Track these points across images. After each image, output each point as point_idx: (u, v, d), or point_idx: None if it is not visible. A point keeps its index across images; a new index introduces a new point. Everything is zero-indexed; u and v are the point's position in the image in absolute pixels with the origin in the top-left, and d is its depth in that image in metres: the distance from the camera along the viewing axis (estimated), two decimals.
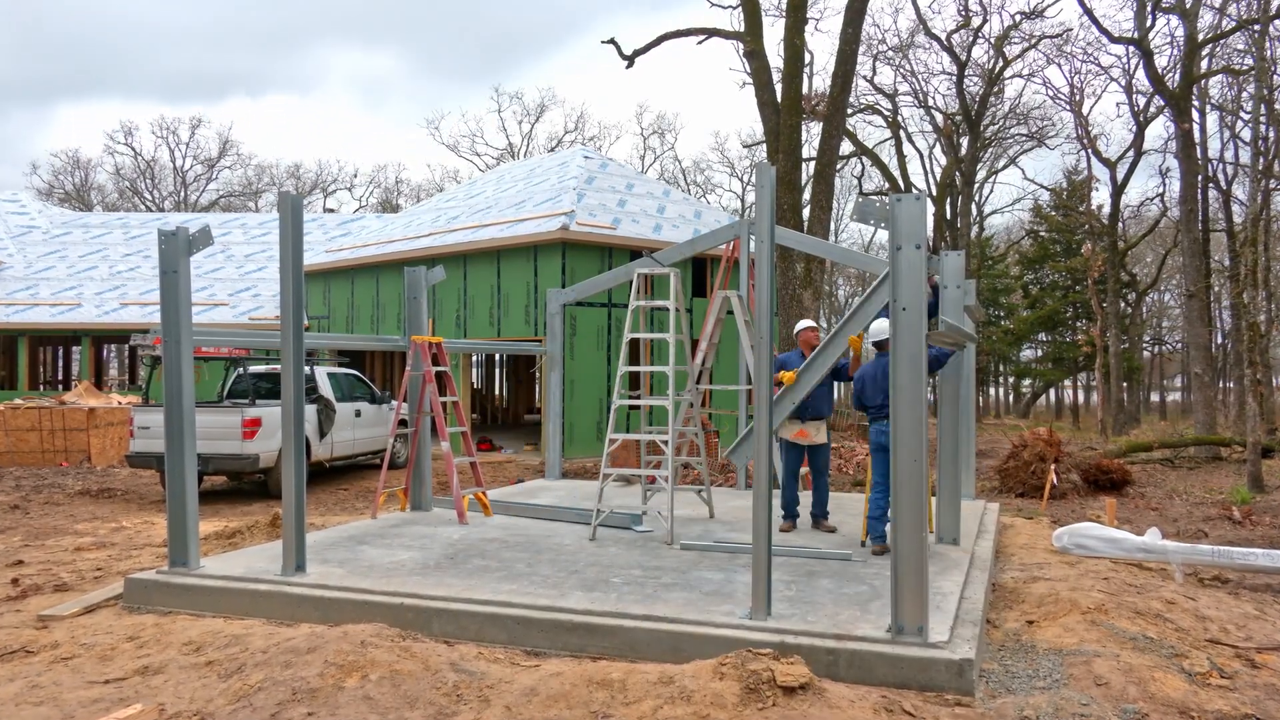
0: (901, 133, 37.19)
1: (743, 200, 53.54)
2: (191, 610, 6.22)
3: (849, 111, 27.87)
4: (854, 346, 7.89)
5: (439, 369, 9.24)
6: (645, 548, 7.38)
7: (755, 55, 16.46)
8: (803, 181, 19.29)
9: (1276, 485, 13.93)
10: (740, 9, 17.08)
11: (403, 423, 16.50)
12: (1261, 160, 16.36)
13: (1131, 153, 32.55)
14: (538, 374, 29.81)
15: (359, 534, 8.03)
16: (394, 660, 4.76)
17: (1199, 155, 26.88)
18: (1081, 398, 49.41)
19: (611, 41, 18.81)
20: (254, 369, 14.37)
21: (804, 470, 10.80)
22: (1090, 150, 32.61)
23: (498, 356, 35.13)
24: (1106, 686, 4.76)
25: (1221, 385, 37.40)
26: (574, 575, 6.37)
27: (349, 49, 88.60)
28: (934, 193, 36.19)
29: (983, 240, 43.24)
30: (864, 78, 34.59)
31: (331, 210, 52.04)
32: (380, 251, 23.08)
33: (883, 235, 43.97)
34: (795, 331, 8.65)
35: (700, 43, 18.73)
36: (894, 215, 5.14)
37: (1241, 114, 28.39)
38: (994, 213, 46.68)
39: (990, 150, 38.48)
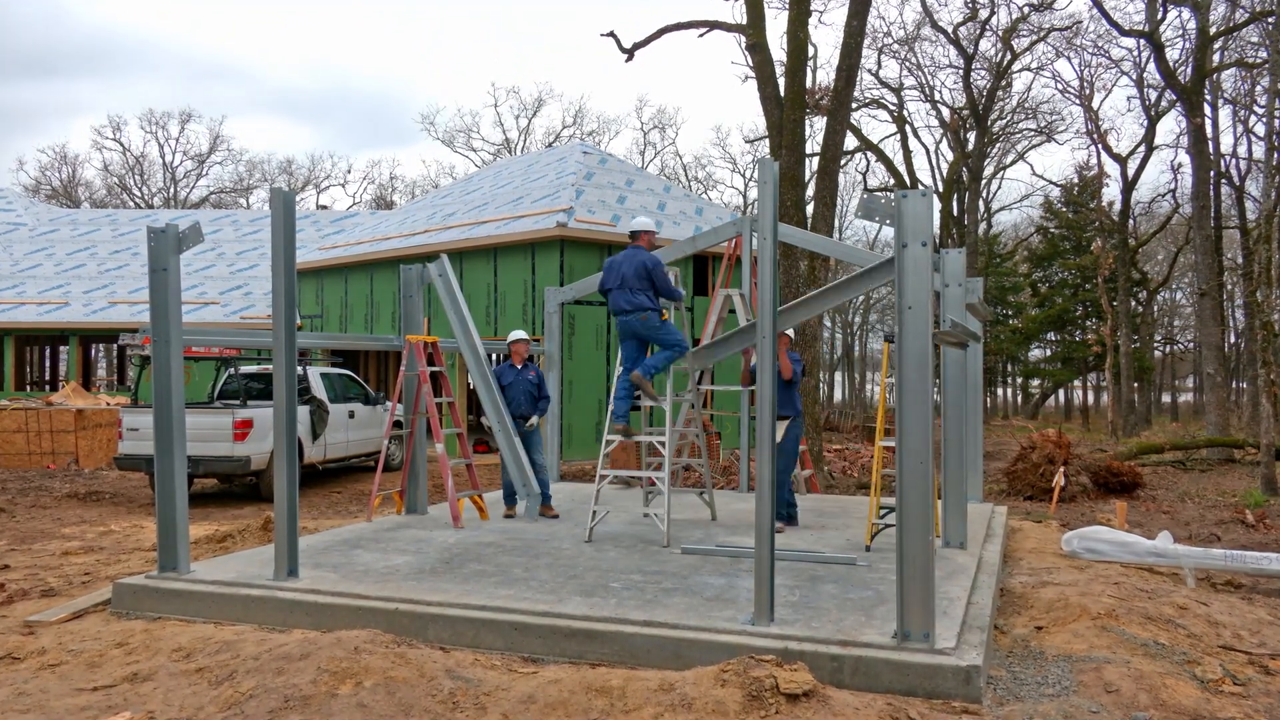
0: (907, 127, 36.97)
1: (745, 196, 53.42)
2: (181, 616, 6.14)
3: (854, 106, 27.76)
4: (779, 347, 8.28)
5: (434, 369, 9.13)
6: (645, 552, 7.29)
7: (758, 48, 16.33)
8: (806, 177, 19.14)
9: None
10: (742, 1, 16.95)
11: (397, 424, 16.43)
12: (1276, 155, 16.23)
13: (1143, 148, 32.34)
14: None
15: (353, 538, 7.93)
16: (388, 667, 4.69)
17: (1211, 150, 26.67)
18: (1091, 398, 49.16)
19: (611, 34, 18.66)
20: (245, 369, 14.26)
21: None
22: (1100, 145, 32.45)
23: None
24: (1117, 694, 4.70)
25: (1235, 386, 37.14)
26: (573, 580, 6.28)
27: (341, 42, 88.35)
28: (940, 189, 36.04)
29: (990, 237, 43.04)
30: (869, 71, 34.45)
31: (324, 207, 51.93)
32: (374, 249, 22.95)
33: (888, 232, 43.87)
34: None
35: (701, 36, 18.61)
36: (900, 212, 5.07)
37: (1255, 108, 28.26)
38: (1002, 209, 46.41)
39: (998, 145, 38.26)
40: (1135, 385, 33.81)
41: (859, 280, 6.73)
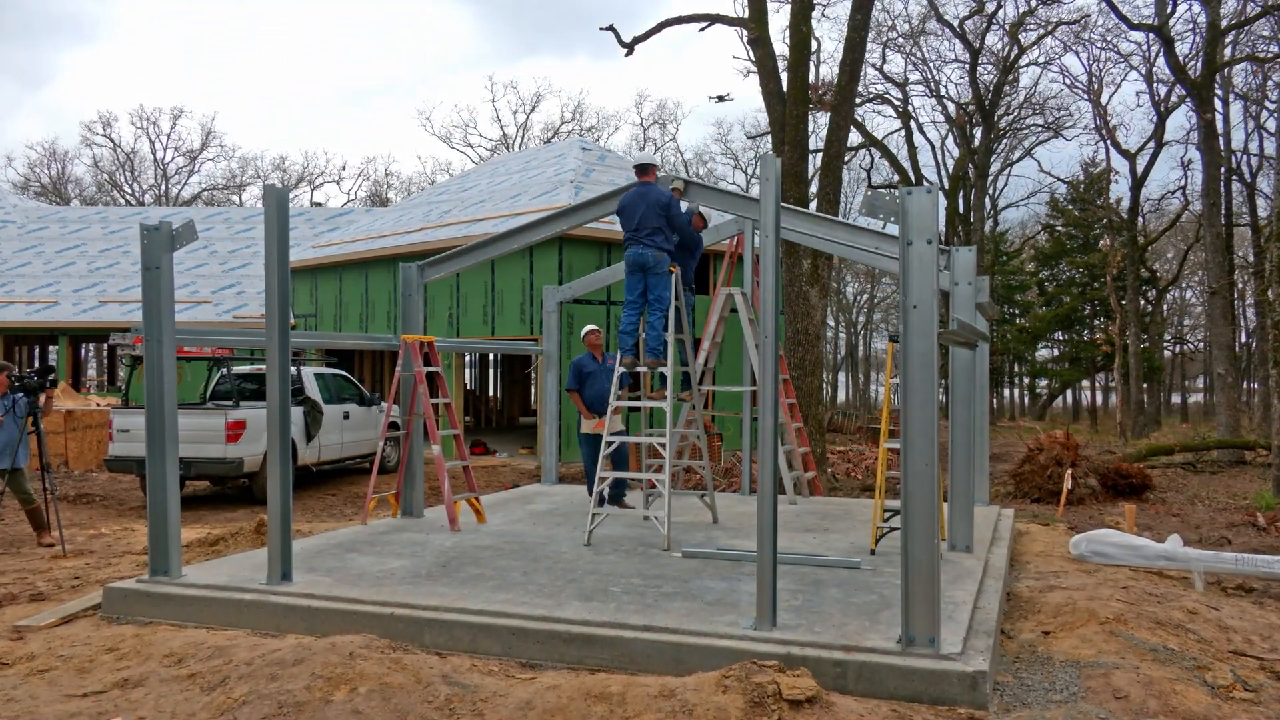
0: (912, 123, 36.59)
1: (746, 193, 53.23)
2: (173, 620, 6.05)
3: (858, 101, 27.52)
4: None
5: (430, 369, 9.03)
6: (645, 555, 7.21)
7: (760, 43, 16.19)
8: (809, 174, 19.00)
9: None
10: None
11: (394, 425, 16.34)
12: None
13: (1152, 144, 31.85)
14: (534, 374, 29.62)
15: (347, 541, 7.84)
16: (384, 672, 4.63)
17: (1222, 146, 26.45)
18: (1100, 399, 48.82)
19: (610, 28, 18.58)
20: (238, 369, 14.13)
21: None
22: (1109, 141, 32.29)
23: (492, 357, 34.90)
24: (1126, 700, 4.63)
25: (1245, 386, 36.86)
26: (571, 584, 6.19)
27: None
28: (946, 186, 35.81)
29: (997, 235, 42.69)
30: (873, 66, 34.20)
31: (319, 204, 51.67)
32: (369, 247, 22.84)
33: (892, 229, 43.65)
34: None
35: (702, 30, 18.47)
36: (904, 209, 4.98)
37: (1267, 103, 28.12)
38: (1009, 206, 45.97)
39: (1005, 141, 37.89)
40: (1144, 385, 33.46)
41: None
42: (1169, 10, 24.66)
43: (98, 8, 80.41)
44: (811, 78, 20.52)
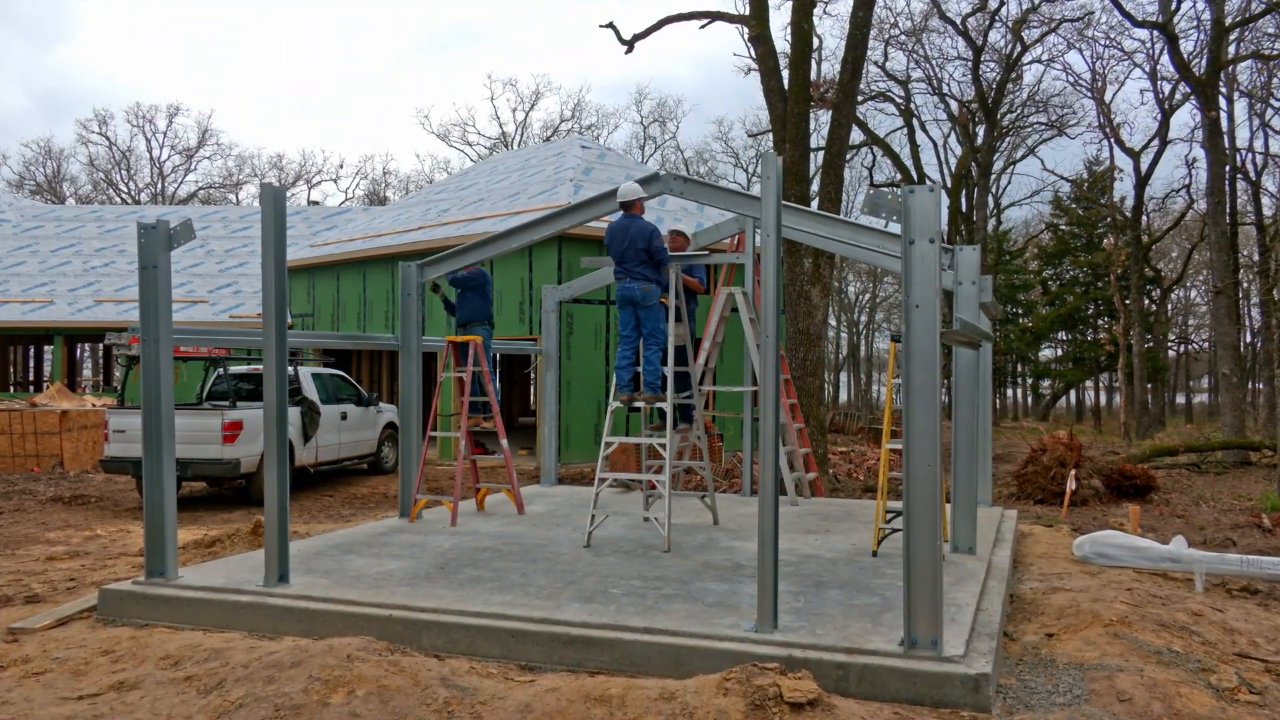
0: (915, 121, 36.40)
1: (747, 192, 53.02)
2: (169, 622, 6.01)
3: (859, 99, 27.39)
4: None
5: (476, 369, 9.35)
6: (645, 557, 7.17)
7: (761, 40, 16.14)
8: (811, 172, 18.94)
9: None
10: None
11: (391, 425, 16.33)
12: None
13: (1156, 142, 31.70)
14: (533, 374, 29.57)
15: (345, 542, 7.81)
16: (382, 675, 4.60)
17: (1227, 145, 26.22)
18: (1103, 399, 48.68)
19: (610, 25, 18.58)
20: (235, 369, 14.06)
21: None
22: (1113, 139, 32.16)
23: (496, 357, 34.83)
24: (1130, 703, 4.60)
25: (1251, 386, 36.63)
26: (571, 586, 6.15)
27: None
28: (949, 184, 35.67)
29: (1000, 234, 42.55)
30: (875, 63, 33.99)
31: (316, 203, 51.61)
32: (367, 246, 22.76)
33: (894, 228, 43.53)
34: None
35: (703, 27, 18.47)
36: (907, 208, 4.95)
37: (1272, 101, 28.01)
38: (1012, 205, 45.67)
39: (1008, 139, 37.71)
40: (1149, 386, 33.32)
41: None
42: (1173, 7, 24.60)
43: None
44: (813, 75, 20.41)
